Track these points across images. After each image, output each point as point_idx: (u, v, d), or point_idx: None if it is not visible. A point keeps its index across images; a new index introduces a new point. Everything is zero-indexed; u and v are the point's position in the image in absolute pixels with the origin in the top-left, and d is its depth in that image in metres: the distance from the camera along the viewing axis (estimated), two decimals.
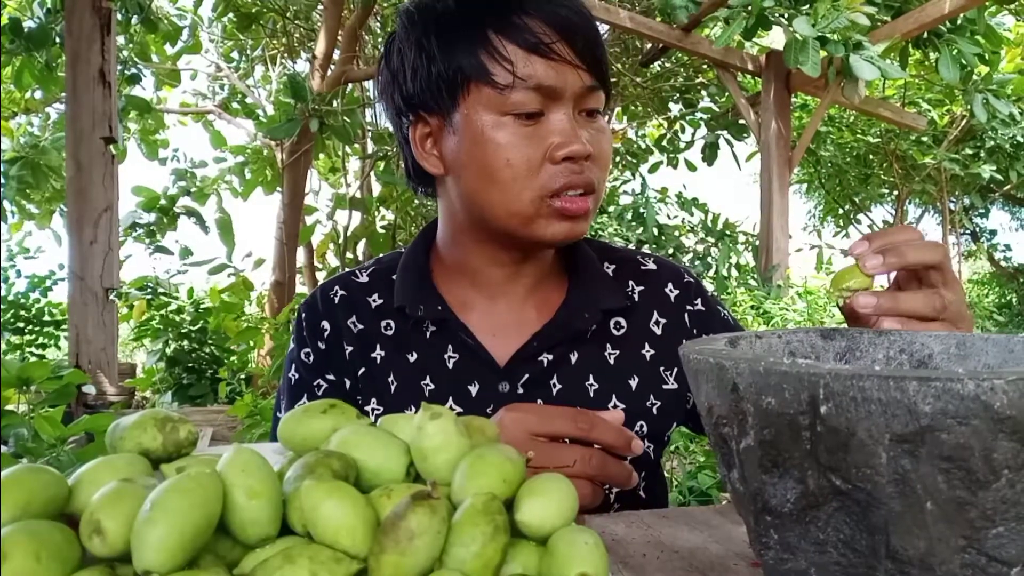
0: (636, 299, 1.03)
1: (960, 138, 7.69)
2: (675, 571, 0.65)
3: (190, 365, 5.93)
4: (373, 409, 0.97)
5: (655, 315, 1.02)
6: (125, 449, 0.46)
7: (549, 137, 0.86)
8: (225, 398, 5.21)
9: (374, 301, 1.01)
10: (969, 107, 5.85)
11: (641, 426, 0.97)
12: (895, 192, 9.24)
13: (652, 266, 1.06)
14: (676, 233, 6.74)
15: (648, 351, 1.00)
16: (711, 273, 6.51)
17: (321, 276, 6.75)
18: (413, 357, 0.97)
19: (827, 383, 0.38)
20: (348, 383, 0.99)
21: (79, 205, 4.59)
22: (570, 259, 1.03)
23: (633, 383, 0.98)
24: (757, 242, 6.17)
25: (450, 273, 1.01)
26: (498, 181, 0.87)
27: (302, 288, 6.83)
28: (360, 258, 6.45)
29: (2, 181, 6.47)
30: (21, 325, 7.08)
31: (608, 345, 0.99)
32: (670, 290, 1.04)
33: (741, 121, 6.40)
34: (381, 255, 1.09)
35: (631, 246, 5.77)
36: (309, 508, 0.41)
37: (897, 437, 0.37)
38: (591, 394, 0.97)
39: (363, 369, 0.98)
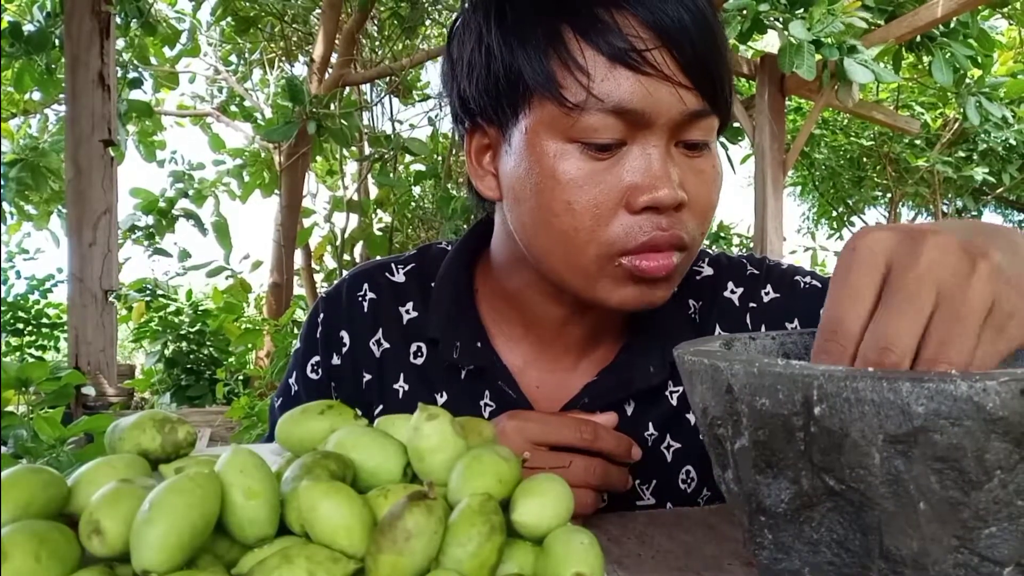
0: (697, 320, 0.86)
1: (953, 141, 7.71)
2: (670, 571, 0.65)
3: (188, 366, 5.93)
4: None
5: (717, 329, 0.85)
6: (124, 450, 0.46)
7: (628, 177, 0.67)
8: (223, 399, 5.21)
9: (407, 313, 0.85)
10: (962, 110, 5.86)
11: (687, 475, 0.85)
12: (888, 195, 9.27)
13: (708, 271, 0.88)
14: None
15: None
16: None
17: (319, 278, 6.74)
18: (442, 398, 0.82)
19: (821, 384, 0.38)
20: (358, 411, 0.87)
21: (78, 207, 4.60)
22: None
23: (691, 419, 0.83)
24: (751, 244, 6.18)
25: (496, 297, 0.84)
26: (556, 229, 0.69)
27: (300, 290, 6.82)
28: (358, 260, 6.44)
29: (2, 183, 6.47)
30: (20, 326, 7.08)
31: (670, 382, 0.83)
32: (731, 292, 0.87)
33: (736, 124, 6.40)
34: (428, 244, 0.92)
35: None
36: (307, 508, 0.41)
37: (890, 438, 0.37)
38: (648, 443, 0.83)
39: (380, 407, 0.83)
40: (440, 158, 6.77)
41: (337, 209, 6.11)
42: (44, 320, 7.26)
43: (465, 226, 5.65)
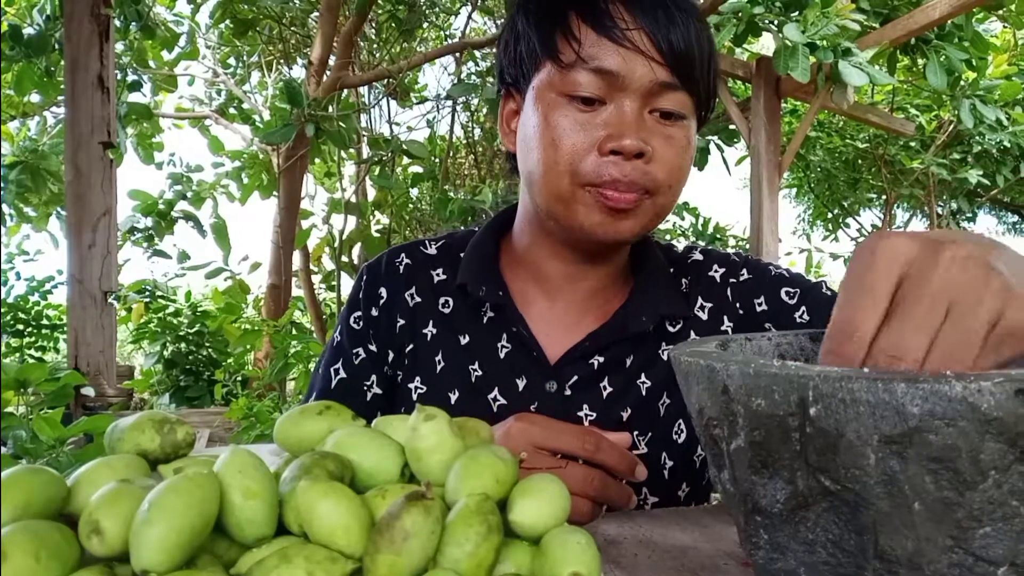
0: (687, 292, 1.00)
1: (948, 143, 7.72)
2: (666, 571, 0.65)
3: (187, 367, 5.93)
4: (416, 388, 0.96)
5: (700, 300, 1.00)
6: (123, 450, 0.46)
7: (603, 128, 0.82)
8: (221, 400, 5.20)
9: (437, 276, 1.00)
10: (956, 112, 5.89)
11: (680, 424, 0.96)
12: (883, 196, 9.28)
13: (698, 256, 1.04)
14: (667, 237, 6.75)
15: (693, 337, 0.97)
16: None
17: (317, 279, 6.73)
18: (465, 339, 0.96)
19: (816, 385, 0.39)
20: (391, 355, 0.98)
21: (78, 209, 4.60)
22: (639, 264, 1.00)
23: None
24: (747, 246, 6.18)
25: (516, 263, 0.99)
26: (544, 162, 0.84)
27: (298, 291, 6.82)
28: (356, 261, 6.44)
29: (1, 185, 6.46)
30: (20, 328, 7.07)
31: (663, 343, 0.97)
32: (715, 271, 1.02)
33: (731, 126, 6.41)
34: (454, 231, 1.08)
35: None
36: (305, 508, 0.41)
37: (885, 438, 0.37)
38: (643, 392, 0.95)
39: (411, 346, 0.97)
40: (438, 160, 6.77)
41: (335, 211, 6.11)
42: (44, 321, 7.25)
43: (463, 227, 5.66)
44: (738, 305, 0.99)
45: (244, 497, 0.40)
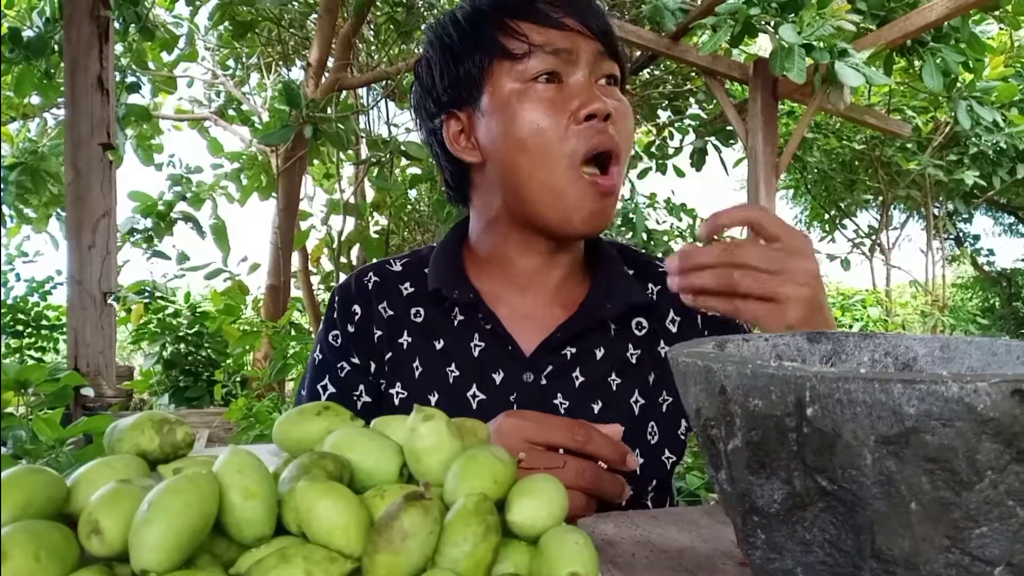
0: (655, 299, 1.06)
1: (944, 144, 7.74)
2: (664, 571, 0.65)
3: (187, 368, 5.93)
4: (397, 393, 0.99)
5: (671, 313, 1.05)
6: (123, 450, 0.46)
7: (571, 100, 0.91)
8: (221, 400, 5.20)
9: (406, 289, 1.04)
10: (953, 114, 5.90)
11: (652, 426, 1.00)
12: (880, 198, 9.30)
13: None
14: (665, 238, 6.75)
15: (663, 348, 1.03)
16: None
17: (316, 280, 6.73)
18: (439, 344, 1.00)
19: (813, 385, 0.39)
20: (373, 366, 1.01)
21: (78, 210, 4.59)
22: (593, 259, 1.06)
23: (651, 378, 1.01)
24: None
25: (482, 264, 1.04)
26: (531, 150, 0.91)
27: (297, 292, 6.81)
28: (354, 262, 6.44)
29: (2, 186, 6.46)
30: (20, 328, 7.07)
31: (631, 345, 1.02)
32: None
33: (729, 127, 6.42)
34: (417, 248, 1.14)
35: None
36: (304, 508, 0.41)
37: (882, 439, 0.37)
38: (613, 388, 0.99)
39: (390, 354, 1.01)
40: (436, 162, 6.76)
41: (334, 212, 6.11)
42: (43, 322, 7.25)
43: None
44: (702, 324, 1.06)
45: (243, 497, 0.41)
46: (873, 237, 9.76)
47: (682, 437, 1.04)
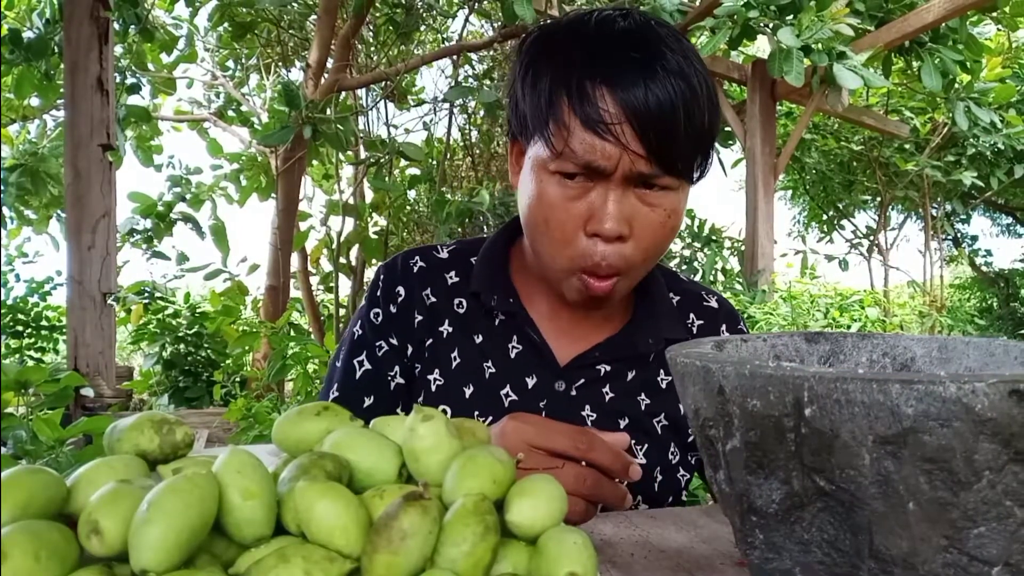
0: (695, 332, 1.07)
1: (942, 145, 7.74)
2: (662, 570, 0.65)
3: (186, 368, 5.92)
4: (435, 379, 1.00)
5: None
6: (123, 450, 0.46)
7: (588, 208, 0.86)
8: (220, 401, 5.19)
9: (450, 278, 1.04)
10: (951, 115, 5.90)
11: (675, 450, 1.02)
12: (878, 198, 9.30)
13: (714, 304, 1.10)
14: None
15: None
16: (697, 278, 6.53)
17: (315, 281, 6.74)
18: (479, 339, 1.01)
19: (811, 386, 0.39)
20: (411, 349, 1.02)
21: (77, 211, 4.59)
22: (642, 282, 1.02)
23: (681, 408, 1.01)
24: (743, 247, 6.19)
25: (525, 269, 1.04)
26: (540, 236, 0.90)
27: (296, 293, 6.82)
28: (354, 263, 6.44)
29: (2, 188, 6.45)
30: (20, 329, 7.05)
31: (662, 370, 1.03)
32: (723, 332, 1.08)
33: (727, 128, 6.43)
34: (463, 238, 1.13)
35: None
36: (303, 508, 0.41)
37: (880, 439, 0.37)
38: (641, 407, 1.01)
39: (430, 340, 1.02)
40: (435, 162, 6.77)
41: (333, 213, 6.12)
42: (43, 323, 7.23)
43: (460, 229, 5.67)
44: None
45: (243, 497, 0.41)
46: (871, 238, 9.76)
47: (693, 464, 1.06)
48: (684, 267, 6.70)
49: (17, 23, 5.85)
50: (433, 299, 1.03)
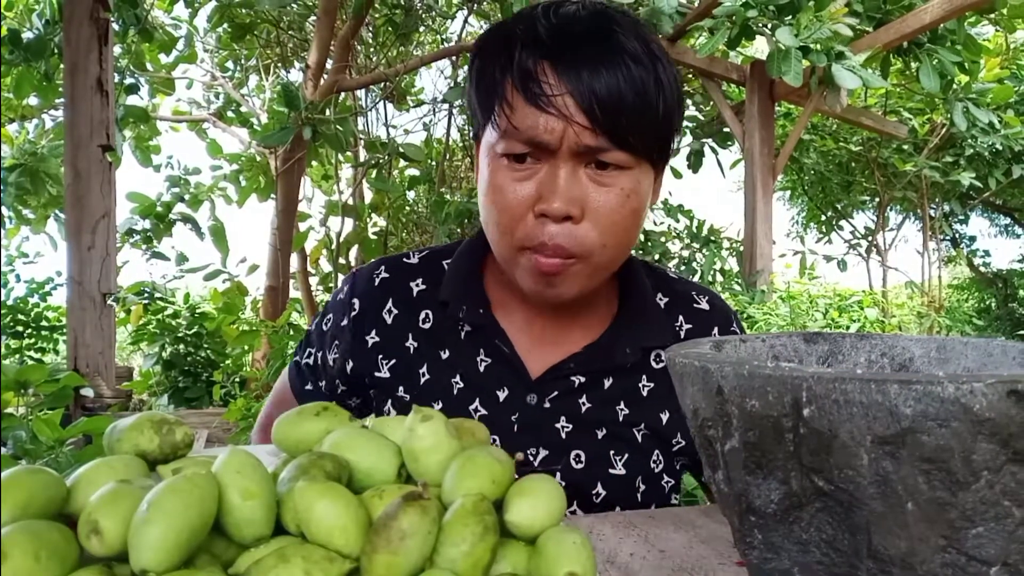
0: (682, 336, 1.01)
1: (940, 146, 7.74)
2: (661, 570, 0.65)
3: (186, 368, 5.92)
4: (401, 396, 0.97)
5: None
6: (122, 451, 0.46)
7: (536, 189, 0.83)
8: (220, 401, 5.19)
9: (416, 287, 1.00)
10: (949, 116, 5.91)
11: (657, 454, 0.97)
12: (877, 199, 9.30)
13: (705, 306, 1.04)
14: (662, 239, 6.75)
15: None
16: (696, 279, 6.53)
17: (314, 281, 6.73)
18: (445, 354, 0.97)
19: (810, 386, 0.39)
20: (350, 364, 0.99)
21: (77, 212, 4.58)
22: (625, 283, 1.00)
23: (664, 417, 0.97)
24: (741, 248, 6.20)
25: (500, 279, 0.99)
26: (491, 224, 0.87)
27: (295, 293, 6.81)
28: (353, 264, 6.44)
29: (1, 187, 6.45)
30: (20, 329, 7.05)
31: (644, 376, 0.97)
32: (715, 335, 1.01)
33: (726, 129, 6.43)
34: (439, 244, 1.09)
35: None
36: (303, 508, 0.41)
37: (879, 439, 0.37)
38: (620, 418, 0.96)
39: (392, 360, 0.98)
40: (434, 163, 6.77)
41: (332, 213, 6.12)
42: (43, 323, 7.22)
43: (459, 230, 5.66)
44: None
45: (242, 497, 0.41)
46: (870, 238, 9.77)
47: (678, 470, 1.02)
48: (683, 267, 6.70)
49: (17, 23, 5.84)
50: (395, 311, 0.99)
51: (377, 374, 0.98)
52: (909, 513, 0.38)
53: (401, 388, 0.97)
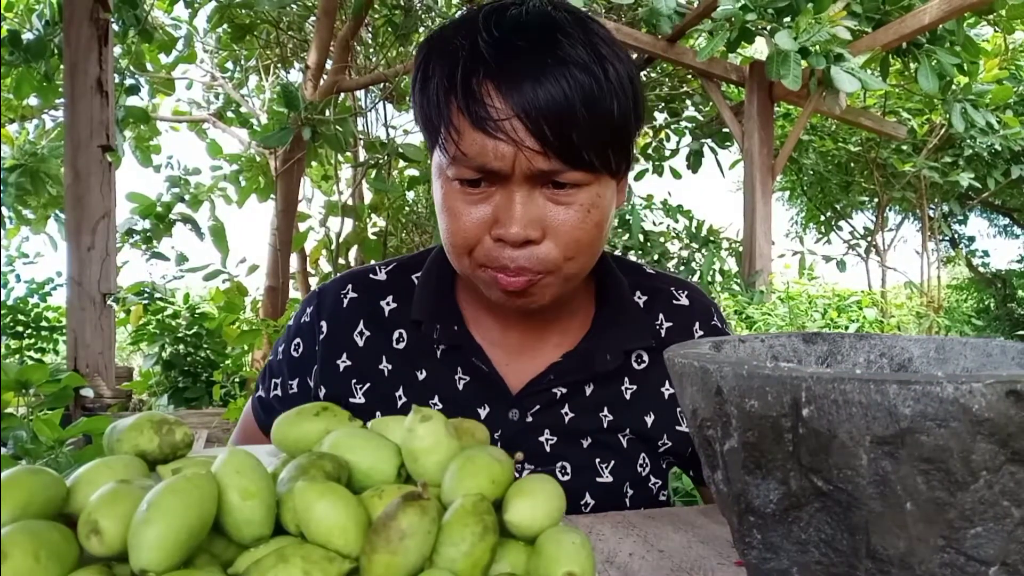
0: (663, 335, 0.98)
1: (939, 147, 7.76)
2: (660, 570, 0.65)
3: (186, 369, 5.91)
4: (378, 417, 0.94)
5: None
6: (122, 451, 0.46)
7: (491, 213, 0.80)
8: (220, 401, 5.19)
9: (387, 305, 0.96)
10: (948, 116, 5.91)
11: (644, 457, 0.95)
12: (876, 199, 9.32)
13: (684, 301, 1.01)
14: (661, 239, 6.76)
15: (668, 389, 0.96)
16: (695, 279, 6.54)
17: (314, 282, 6.73)
18: (422, 375, 0.94)
19: (809, 386, 0.39)
20: (323, 392, 0.96)
21: (77, 212, 4.58)
22: (601, 284, 0.97)
23: (649, 420, 0.95)
24: (740, 248, 6.20)
25: (473, 289, 0.93)
26: (446, 241, 0.84)
27: (295, 293, 6.82)
28: (352, 264, 6.45)
29: (1, 188, 6.45)
30: (20, 329, 7.05)
31: (626, 379, 0.95)
32: (697, 330, 0.99)
33: (725, 130, 6.44)
34: (406, 255, 1.05)
35: (616, 252, 5.78)
36: (302, 508, 0.41)
37: (877, 439, 0.37)
38: (604, 424, 0.93)
39: (368, 384, 0.94)
40: None
41: (332, 213, 6.12)
42: (43, 323, 7.23)
43: None
44: None
45: (242, 497, 0.41)
46: (869, 239, 9.79)
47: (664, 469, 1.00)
48: (682, 268, 6.71)
49: (17, 24, 5.84)
50: (367, 333, 0.95)
51: (352, 399, 0.94)
52: (908, 513, 0.38)
53: (378, 413, 0.93)
